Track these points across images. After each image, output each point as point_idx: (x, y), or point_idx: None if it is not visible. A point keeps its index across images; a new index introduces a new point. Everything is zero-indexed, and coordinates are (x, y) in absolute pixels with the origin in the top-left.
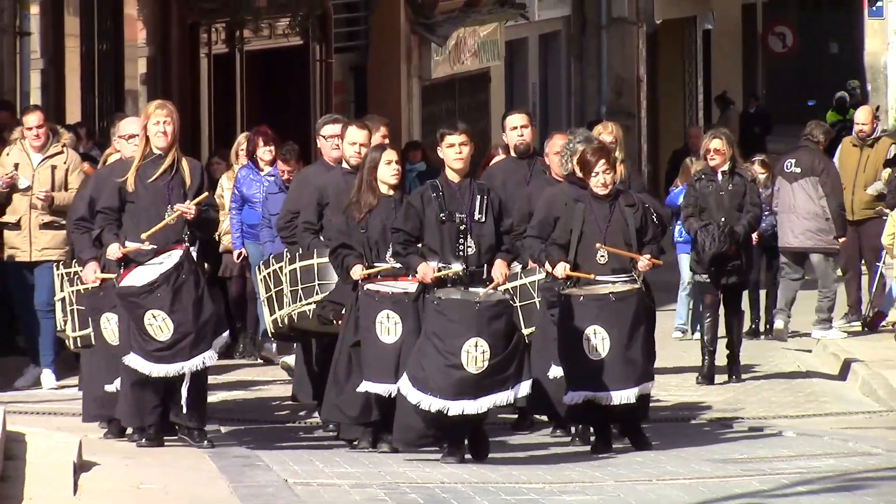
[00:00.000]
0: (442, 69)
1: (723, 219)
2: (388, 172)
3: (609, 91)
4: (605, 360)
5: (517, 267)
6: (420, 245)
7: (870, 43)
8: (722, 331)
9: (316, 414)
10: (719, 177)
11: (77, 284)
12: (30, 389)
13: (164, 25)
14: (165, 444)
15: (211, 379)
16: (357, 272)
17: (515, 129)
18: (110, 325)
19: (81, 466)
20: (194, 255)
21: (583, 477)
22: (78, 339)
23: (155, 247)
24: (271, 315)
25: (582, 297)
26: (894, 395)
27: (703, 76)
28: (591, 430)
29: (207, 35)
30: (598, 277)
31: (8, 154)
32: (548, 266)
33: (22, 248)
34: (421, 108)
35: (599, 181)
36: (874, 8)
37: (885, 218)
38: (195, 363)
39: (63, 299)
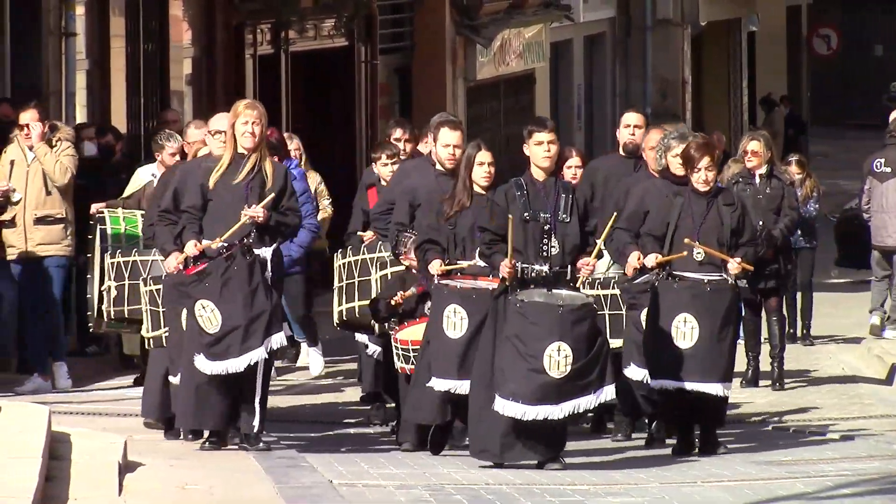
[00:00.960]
0: (487, 70)
1: (760, 222)
2: (479, 174)
3: (654, 93)
4: (692, 350)
5: (610, 272)
6: (505, 244)
7: None
8: (765, 334)
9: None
10: (757, 179)
11: (151, 284)
12: (54, 391)
13: (210, 26)
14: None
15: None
16: (435, 266)
17: (628, 128)
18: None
19: (126, 467)
20: (260, 253)
21: (627, 479)
22: (151, 339)
23: (224, 244)
24: (339, 306)
25: (676, 284)
26: None
27: (747, 78)
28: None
29: (253, 36)
30: (693, 275)
31: (6, 152)
32: (633, 259)
33: (17, 245)
34: (466, 109)
35: (701, 177)
36: None
37: None
38: (243, 361)
39: (108, 289)
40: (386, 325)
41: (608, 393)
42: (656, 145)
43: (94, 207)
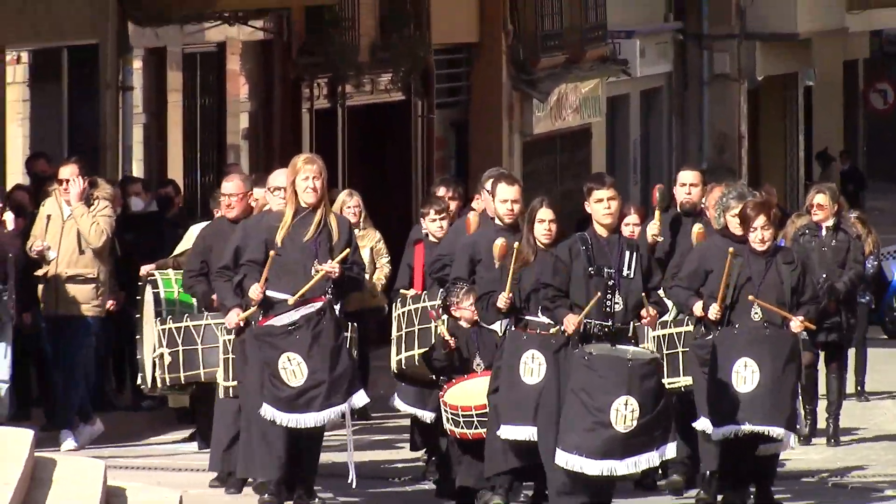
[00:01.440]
0: (543, 125)
1: (823, 275)
2: (539, 230)
3: (710, 147)
4: (754, 394)
5: (666, 317)
6: (567, 300)
7: None
8: (822, 390)
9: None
10: (823, 232)
11: (226, 333)
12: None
13: (267, 80)
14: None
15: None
16: (502, 300)
17: (684, 186)
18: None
19: None
20: (337, 310)
21: None
22: (230, 388)
23: (292, 299)
24: (397, 355)
25: (736, 328)
26: None
27: (804, 132)
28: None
29: (310, 90)
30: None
31: (43, 205)
32: (698, 308)
33: (48, 303)
34: (522, 163)
35: (758, 237)
36: None
37: None
38: (327, 415)
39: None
40: (440, 377)
41: (671, 450)
42: (715, 206)
43: (143, 269)
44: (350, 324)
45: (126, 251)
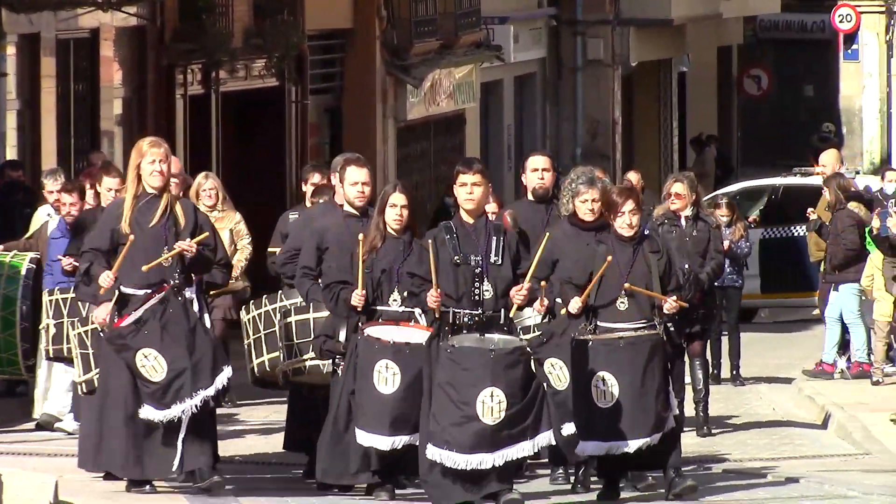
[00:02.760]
0: (417, 110)
1: (686, 265)
2: (391, 215)
3: (584, 133)
4: (615, 408)
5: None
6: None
7: (845, 86)
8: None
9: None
10: (682, 222)
11: (80, 327)
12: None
13: (140, 66)
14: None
15: None
16: (356, 297)
17: (536, 171)
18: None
19: None
20: (188, 294)
21: None
22: (84, 383)
23: (148, 291)
24: (250, 362)
25: (591, 342)
26: (870, 439)
27: (678, 118)
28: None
29: (183, 76)
30: (617, 325)
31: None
32: (572, 307)
33: None
34: (396, 149)
35: (625, 222)
36: (849, 51)
37: None
38: (196, 401)
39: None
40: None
41: (546, 438)
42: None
43: None
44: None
45: None
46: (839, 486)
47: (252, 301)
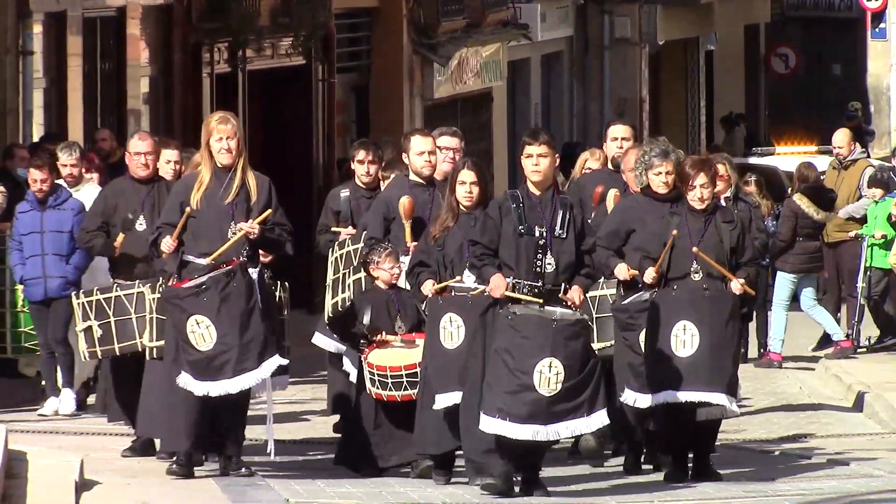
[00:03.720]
0: (444, 89)
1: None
2: (461, 193)
3: (611, 112)
4: (693, 359)
5: (602, 290)
6: (496, 259)
7: (872, 65)
8: None
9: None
10: (722, 203)
11: (155, 293)
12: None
13: (167, 45)
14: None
15: None
16: (427, 287)
17: (616, 141)
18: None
19: (83, 485)
20: (254, 274)
21: (585, 496)
22: (155, 349)
23: (213, 262)
24: (333, 298)
25: (675, 291)
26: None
27: (705, 97)
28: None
29: (210, 55)
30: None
31: None
32: (622, 270)
33: None
34: (423, 127)
35: (697, 195)
36: (877, 30)
37: (860, 240)
38: (237, 384)
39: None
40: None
41: (601, 418)
42: (635, 164)
43: None
44: (281, 283)
45: None
46: (865, 466)
47: (337, 242)
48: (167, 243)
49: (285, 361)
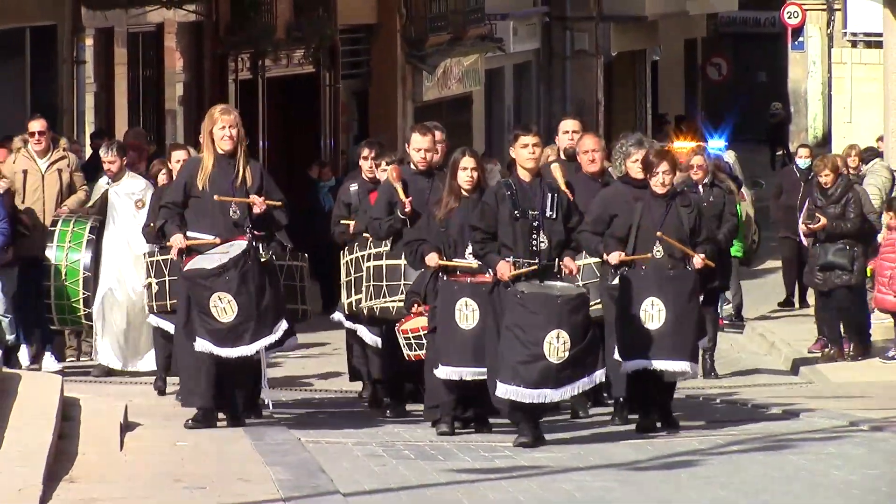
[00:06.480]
0: (431, 93)
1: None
2: (462, 178)
3: (572, 112)
4: (660, 331)
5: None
6: (496, 242)
7: (792, 72)
8: None
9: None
10: (700, 190)
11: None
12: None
13: (198, 55)
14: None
15: None
16: (433, 259)
17: (567, 133)
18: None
19: (127, 427)
20: (262, 248)
21: (551, 438)
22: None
23: (218, 240)
24: (347, 298)
25: (643, 269)
26: (812, 370)
27: (651, 100)
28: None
29: (235, 64)
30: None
31: (14, 161)
32: (612, 258)
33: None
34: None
35: (659, 181)
36: (796, 42)
37: None
38: (255, 347)
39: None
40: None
41: (600, 376)
42: (588, 150)
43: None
44: (301, 254)
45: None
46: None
47: (347, 246)
48: (178, 240)
49: (291, 327)
